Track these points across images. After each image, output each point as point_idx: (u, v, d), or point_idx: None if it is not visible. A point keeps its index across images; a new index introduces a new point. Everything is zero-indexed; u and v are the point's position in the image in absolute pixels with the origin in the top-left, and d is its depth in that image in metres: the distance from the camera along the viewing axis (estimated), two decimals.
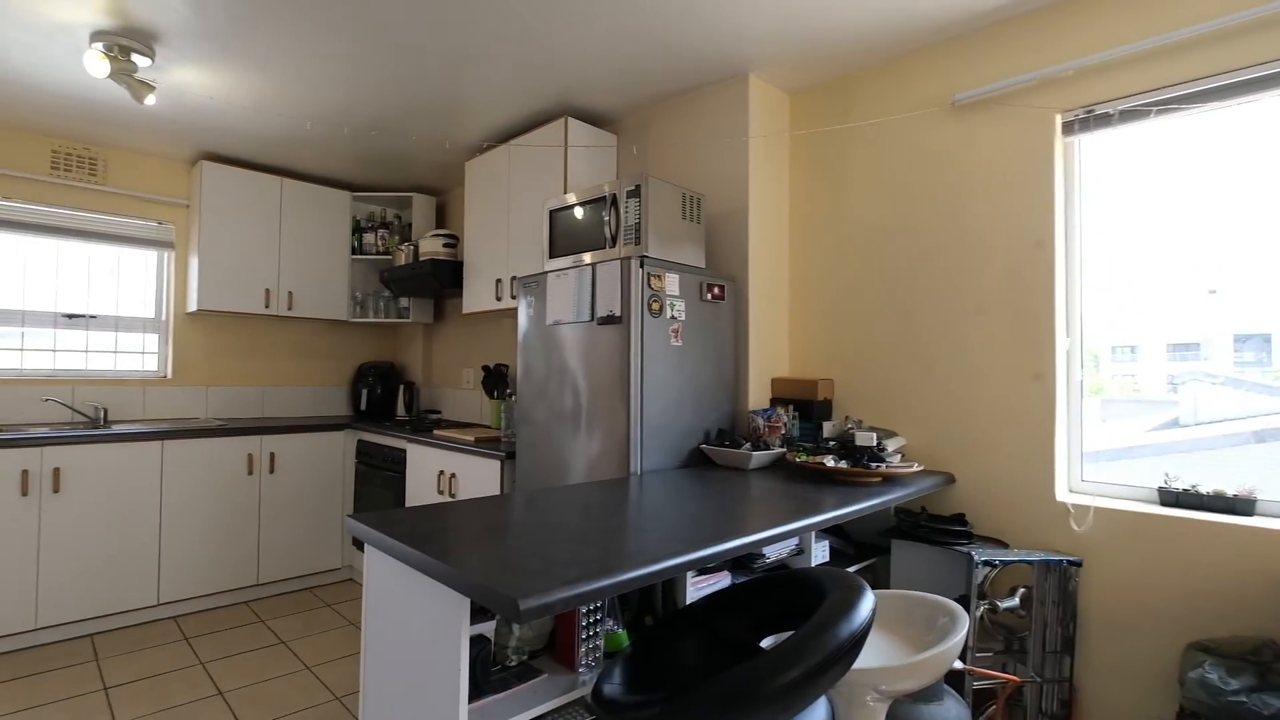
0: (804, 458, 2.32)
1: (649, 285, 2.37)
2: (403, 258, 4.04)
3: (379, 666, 1.49)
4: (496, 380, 3.73)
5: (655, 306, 2.40)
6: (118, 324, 3.79)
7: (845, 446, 2.36)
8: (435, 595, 1.30)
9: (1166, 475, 2.06)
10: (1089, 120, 2.16)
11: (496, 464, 2.87)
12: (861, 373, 2.72)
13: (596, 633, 1.59)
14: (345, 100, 3.08)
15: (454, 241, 3.84)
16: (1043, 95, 2.24)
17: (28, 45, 2.61)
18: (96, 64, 2.52)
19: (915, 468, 2.24)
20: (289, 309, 3.99)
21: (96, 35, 2.53)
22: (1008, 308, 2.31)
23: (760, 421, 2.62)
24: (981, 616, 2.11)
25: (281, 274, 3.97)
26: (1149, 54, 2.03)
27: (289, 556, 3.75)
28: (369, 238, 4.32)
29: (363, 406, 4.30)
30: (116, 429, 3.35)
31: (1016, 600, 2.10)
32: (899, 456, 2.39)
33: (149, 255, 3.91)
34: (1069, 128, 2.21)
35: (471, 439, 3.14)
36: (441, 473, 3.20)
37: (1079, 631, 2.12)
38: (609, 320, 2.37)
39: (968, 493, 2.40)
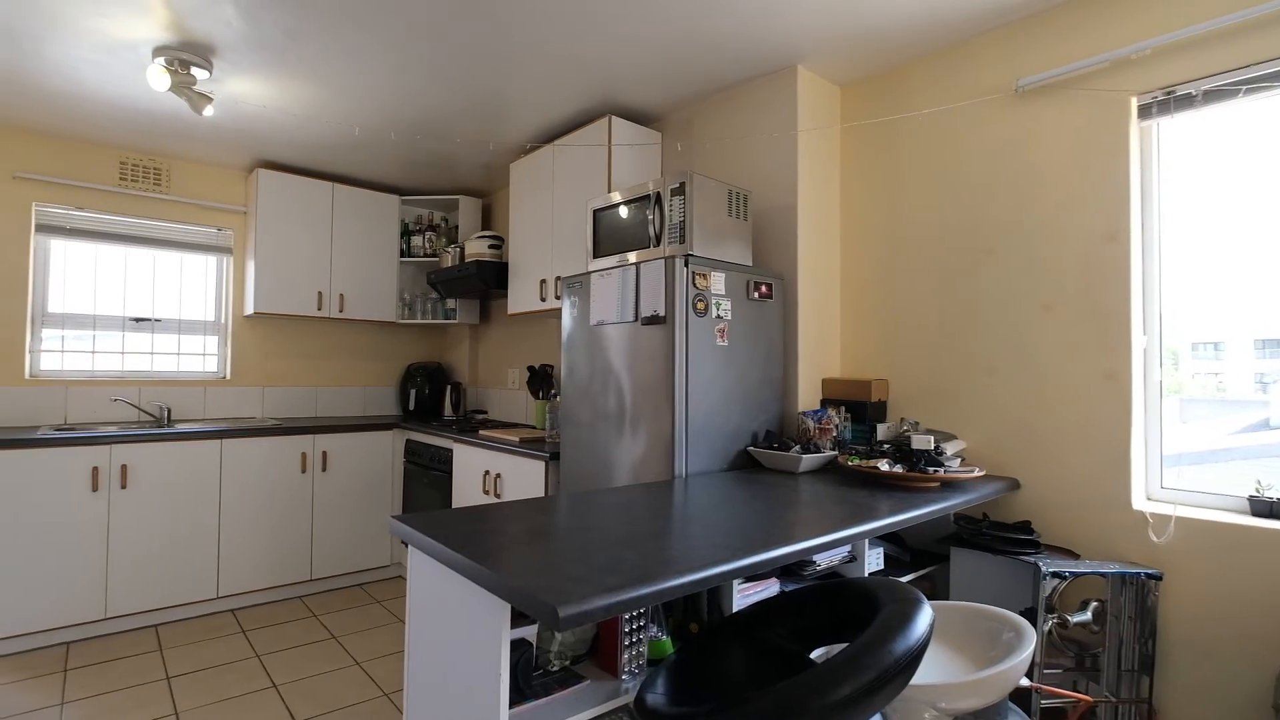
0: (857, 461, 2.23)
1: (694, 284, 2.32)
2: (449, 259, 4.08)
3: (422, 667, 1.48)
4: (541, 380, 3.73)
5: (700, 306, 2.34)
6: (180, 327, 3.94)
7: (901, 450, 2.27)
8: (476, 599, 1.28)
9: (1259, 483, 1.91)
10: (1168, 102, 2.01)
11: (541, 465, 2.86)
12: (918, 373, 2.61)
13: (640, 639, 1.55)
14: (392, 105, 3.12)
15: (499, 243, 3.86)
16: (1116, 77, 2.10)
17: (96, 63, 2.72)
18: (158, 77, 2.60)
19: (976, 472, 2.12)
20: (340, 311, 4.08)
21: (158, 50, 2.62)
22: (1078, 304, 2.17)
23: (810, 423, 2.54)
24: (1050, 631, 1.99)
25: (333, 277, 4.06)
26: (1238, 28, 1.88)
27: (340, 553, 3.82)
28: (417, 240, 4.38)
29: (411, 406, 4.37)
30: (179, 428, 3.47)
31: (1089, 614, 1.97)
32: (958, 461, 2.28)
33: (209, 260, 4.05)
34: (1145, 111, 2.07)
35: (516, 439, 3.14)
36: (487, 473, 3.21)
37: (1159, 650, 1.97)
38: (653, 320, 2.33)
39: (1033, 499, 2.27)
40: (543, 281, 3.42)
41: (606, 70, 2.79)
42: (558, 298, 3.32)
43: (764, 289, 2.58)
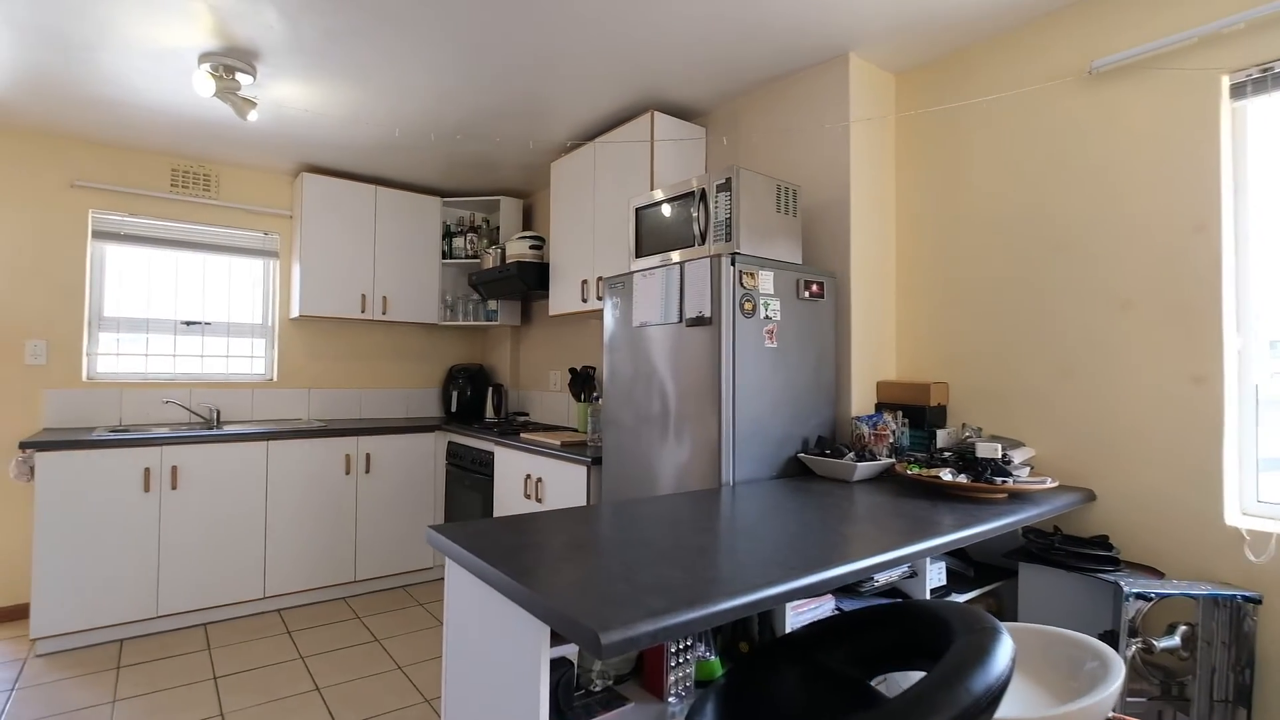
0: (916, 470, 2.10)
1: (741, 284, 2.22)
2: (490, 261, 4.05)
3: (460, 682, 1.42)
4: (583, 382, 3.67)
5: (748, 306, 2.24)
6: (229, 330, 4.00)
7: (964, 458, 2.13)
8: (515, 617, 1.21)
9: None
10: (1265, 80, 1.84)
11: (583, 470, 2.79)
12: (980, 376, 2.46)
13: (687, 660, 1.46)
14: (432, 106, 3.09)
15: (540, 243, 3.81)
16: (1204, 55, 1.93)
17: (145, 71, 2.75)
18: (204, 83, 2.62)
19: (1049, 483, 1.97)
20: (383, 313, 4.09)
21: (203, 57, 2.63)
22: (1161, 302, 2.00)
23: (865, 429, 2.41)
24: (1133, 656, 1.83)
25: (376, 279, 4.08)
26: None
27: (384, 555, 3.83)
28: (458, 241, 4.37)
29: (453, 408, 4.36)
30: (228, 429, 3.51)
31: (1177, 639, 1.80)
32: (1027, 470, 2.13)
33: (256, 264, 4.10)
34: (1238, 90, 1.89)
35: (557, 443, 3.08)
36: (528, 476, 3.16)
37: (1257, 680, 1.80)
38: (698, 321, 2.24)
39: (1111, 512, 2.10)
40: (584, 282, 3.36)
41: (650, 64, 2.71)
42: (599, 298, 3.26)
43: (815, 288, 2.46)
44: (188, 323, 3.87)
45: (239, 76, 2.71)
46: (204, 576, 3.29)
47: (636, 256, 2.69)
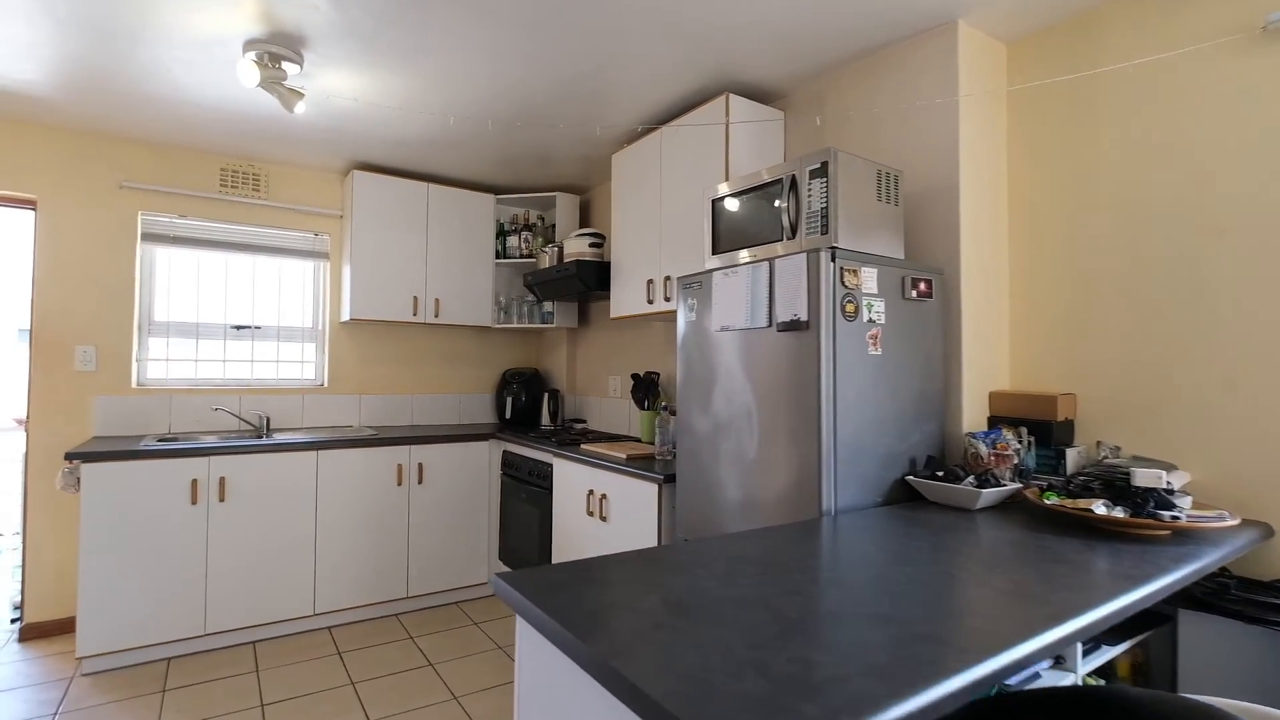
0: (1055, 499, 1.78)
1: (842, 282, 1.93)
2: (547, 260, 3.84)
3: None
4: (647, 389, 3.42)
5: (849, 308, 1.95)
6: (279, 334, 3.87)
7: (1112, 485, 1.80)
8: (606, 704, 0.96)
9: None
10: None
11: (653, 488, 2.54)
12: (1117, 386, 2.11)
13: None
14: (488, 94, 2.88)
15: (600, 241, 3.57)
16: None
17: (188, 62, 2.60)
18: (248, 72, 2.45)
19: (1229, 520, 1.64)
20: (435, 316, 3.91)
21: (248, 44, 2.47)
22: None
23: (981, 447, 2.10)
24: None
25: (429, 281, 3.90)
26: None
27: (437, 569, 3.64)
28: (512, 240, 4.17)
29: (507, 415, 4.16)
30: (277, 438, 3.38)
31: None
32: (1189, 500, 1.79)
33: (306, 266, 3.97)
34: None
35: (623, 455, 2.84)
36: (591, 492, 2.93)
37: None
38: (793, 326, 1.96)
39: None
40: (649, 282, 3.11)
41: (725, 42, 2.44)
42: (668, 299, 3.00)
43: (922, 286, 2.15)
44: (237, 327, 3.75)
45: (285, 65, 2.54)
46: (253, 593, 3.15)
47: (713, 254, 2.42)
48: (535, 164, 3.81)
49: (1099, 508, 1.68)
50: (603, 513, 2.84)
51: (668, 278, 3.00)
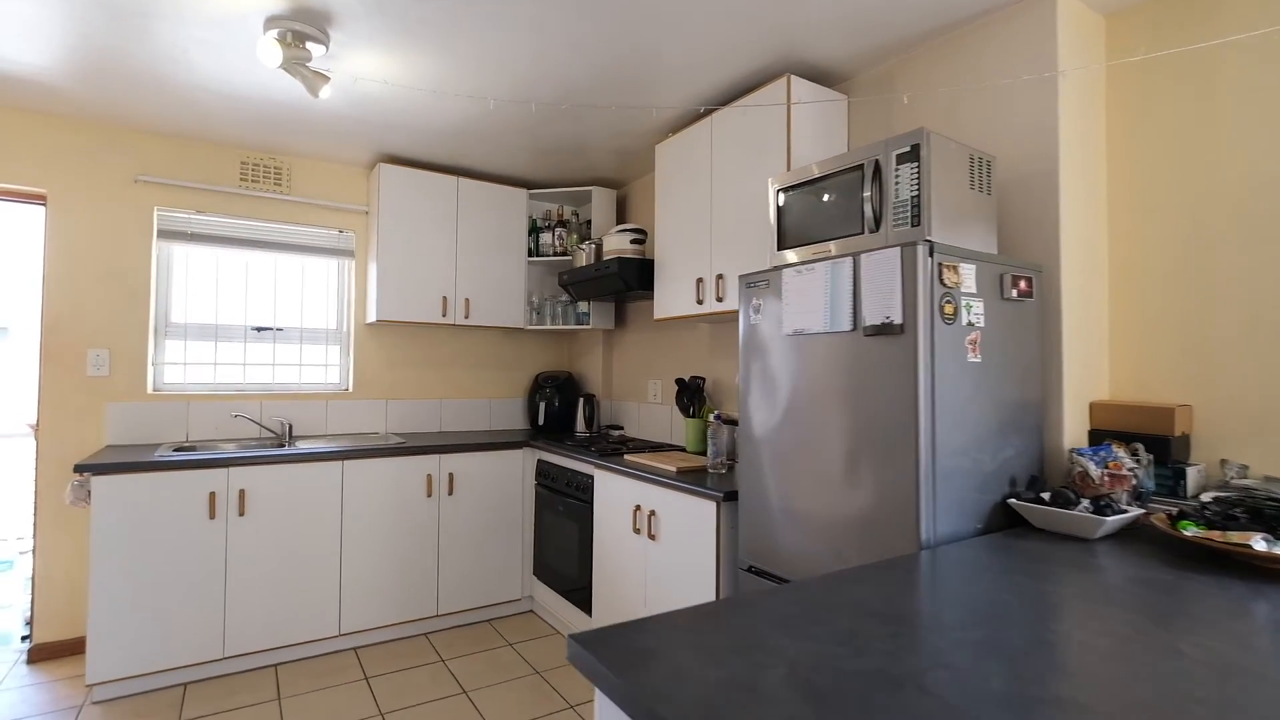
0: (1195, 529, 1.54)
1: (940, 280, 1.70)
2: (583, 258, 3.62)
3: None
4: (692, 395, 3.20)
5: (948, 309, 1.72)
6: (302, 336, 3.69)
7: (1261, 514, 1.56)
8: None
9: None
10: None
11: (711, 507, 2.32)
12: (1238, 398, 1.86)
13: None
14: (529, 78, 2.66)
15: (642, 237, 3.35)
16: None
17: (205, 42, 2.41)
18: (270, 52, 2.25)
19: None
20: (465, 317, 3.71)
21: (269, 22, 2.27)
22: None
23: (1092, 467, 1.85)
24: None
25: (458, 280, 3.70)
26: None
27: (468, 585, 3.44)
28: (545, 237, 3.95)
29: (540, 421, 3.95)
30: (300, 445, 3.19)
31: None
32: None
33: (330, 265, 3.78)
34: None
35: (673, 468, 2.62)
36: (638, 508, 2.71)
37: None
38: (884, 330, 1.73)
39: None
40: (699, 281, 2.88)
41: (789, 16, 2.21)
42: (720, 299, 2.77)
43: (1023, 285, 1.91)
44: (258, 329, 3.57)
45: (309, 46, 2.33)
46: (274, 613, 2.96)
47: (780, 249, 2.20)
48: (570, 156, 3.59)
49: (1258, 543, 1.44)
50: (651, 530, 2.63)
51: (720, 276, 2.77)
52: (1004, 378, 1.87)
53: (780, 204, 2.21)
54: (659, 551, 2.59)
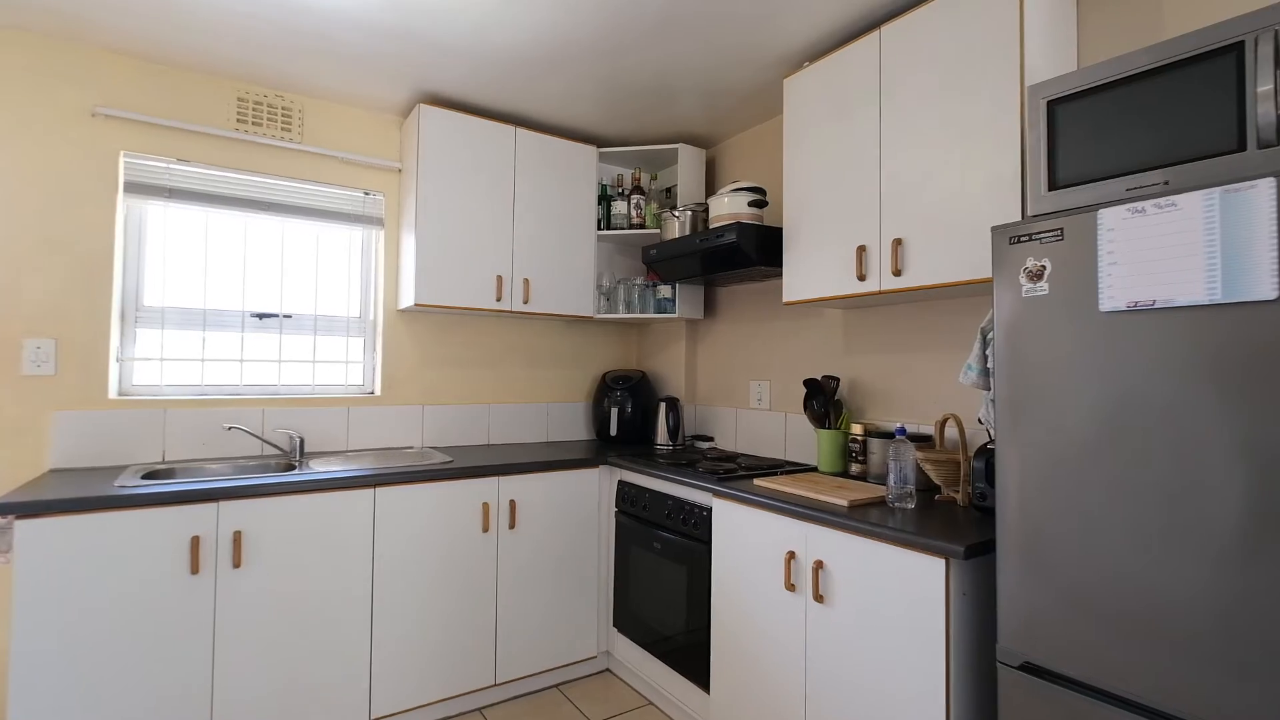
0: None
1: None
2: (676, 227, 2.89)
3: None
4: (826, 400, 2.48)
5: None
6: (316, 325, 2.90)
7: None
8: None
9: None
10: None
11: (938, 568, 1.59)
12: None
13: None
14: None
15: (763, 200, 2.62)
16: None
17: None
18: None
19: None
20: (525, 303, 2.96)
21: None
22: None
23: None
24: None
25: (515, 256, 2.95)
26: None
27: (534, 644, 2.68)
28: (619, 206, 3.21)
29: (612, 431, 3.21)
30: (315, 467, 2.42)
31: None
32: None
33: (354, 235, 3.01)
34: None
35: (842, 502, 1.90)
36: (792, 556, 1.97)
37: None
38: None
39: None
40: (860, 250, 2.16)
41: None
42: (896, 273, 2.05)
43: None
44: (260, 315, 2.78)
45: None
46: (281, 699, 2.18)
47: (1050, 189, 1.50)
48: (653, 101, 2.85)
49: None
50: (818, 591, 1.89)
51: (897, 241, 2.05)
52: None
53: (1051, 122, 1.50)
54: (830, 619, 1.86)
